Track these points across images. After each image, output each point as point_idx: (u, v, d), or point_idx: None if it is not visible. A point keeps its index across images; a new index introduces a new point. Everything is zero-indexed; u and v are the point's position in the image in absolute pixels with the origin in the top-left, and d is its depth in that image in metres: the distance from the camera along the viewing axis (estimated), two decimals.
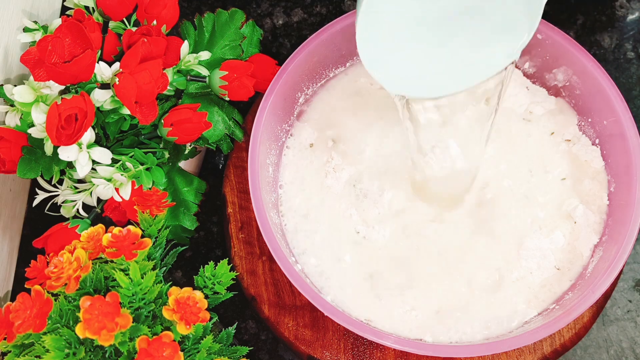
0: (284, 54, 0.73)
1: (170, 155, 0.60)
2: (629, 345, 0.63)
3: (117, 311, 0.46)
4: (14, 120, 0.57)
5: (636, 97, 0.71)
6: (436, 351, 0.53)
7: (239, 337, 0.65)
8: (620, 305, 0.65)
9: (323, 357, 0.59)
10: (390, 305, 0.57)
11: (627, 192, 0.56)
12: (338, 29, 0.61)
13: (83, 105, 0.53)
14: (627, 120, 0.57)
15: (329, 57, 0.64)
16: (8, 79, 0.61)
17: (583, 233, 0.59)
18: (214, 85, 0.60)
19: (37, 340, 0.48)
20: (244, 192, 0.64)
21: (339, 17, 0.61)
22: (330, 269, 0.59)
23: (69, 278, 0.47)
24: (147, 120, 0.56)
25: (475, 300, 0.57)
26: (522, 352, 0.58)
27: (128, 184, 0.57)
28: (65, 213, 0.60)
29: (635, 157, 0.56)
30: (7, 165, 0.55)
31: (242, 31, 0.63)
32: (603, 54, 0.72)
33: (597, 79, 0.58)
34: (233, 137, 0.63)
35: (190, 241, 0.64)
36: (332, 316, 0.53)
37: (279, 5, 0.75)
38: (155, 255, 0.53)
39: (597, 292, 0.53)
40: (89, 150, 0.55)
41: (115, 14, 0.60)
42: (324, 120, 0.64)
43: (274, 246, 0.55)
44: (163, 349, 0.45)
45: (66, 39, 0.54)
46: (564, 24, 0.73)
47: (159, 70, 0.55)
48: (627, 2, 0.74)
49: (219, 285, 0.53)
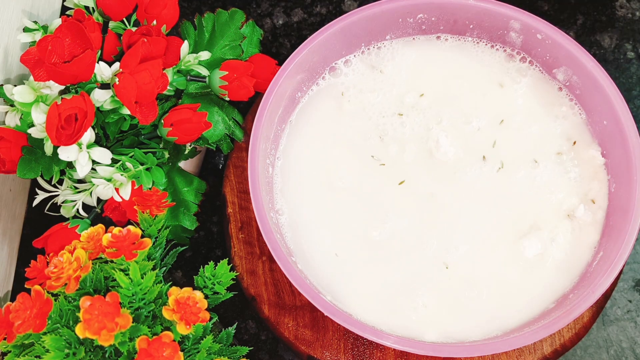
0: (284, 54, 0.73)
1: (170, 155, 0.60)
2: (629, 345, 0.63)
3: (117, 311, 0.46)
4: (14, 120, 0.57)
5: (636, 97, 0.71)
6: (436, 351, 0.53)
7: (239, 337, 0.65)
8: (620, 305, 0.65)
9: (323, 357, 0.59)
10: (391, 305, 0.57)
11: (627, 192, 0.56)
12: (338, 29, 0.61)
13: (83, 105, 0.53)
14: (627, 120, 0.57)
15: (329, 57, 0.64)
16: (8, 79, 0.61)
17: (583, 233, 0.59)
18: (214, 85, 0.60)
19: (37, 340, 0.48)
20: (244, 192, 0.64)
21: (339, 17, 0.61)
22: (331, 269, 0.59)
23: (69, 278, 0.47)
24: (147, 120, 0.56)
25: (475, 300, 0.57)
26: (522, 352, 0.58)
27: (128, 184, 0.57)
28: (65, 213, 0.60)
29: (635, 157, 0.56)
30: (7, 165, 0.55)
31: (242, 31, 0.63)
32: (603, 54, 0.72)
33: (597, 79, 0.58)
34: (233, 137, 0.63)
35: (190, 241, 0.64)
36: (332, 316, 0.53)
37: (279, 5, 0.75)
38: (155, 255, 0.53)
39: (597, 292, 0.53)
40: (89, 150, 0.55)
41: (115, 14, 0.60)
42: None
43: (274, 246, 0.55)
44: (163, 349, 0.45)
45: (66, 39, 0.54)
46: (564, 24, 0.73)
47: (159, 70, 0.55)
48: (627, 2, 0.74)
49: (219, 285, 0.53)
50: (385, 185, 0.61)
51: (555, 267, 0.58)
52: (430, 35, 0.65)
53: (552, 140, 0.61)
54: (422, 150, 0.61)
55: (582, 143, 0.61)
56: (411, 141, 0.61)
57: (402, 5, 0.61)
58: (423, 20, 0.63)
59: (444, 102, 0.63)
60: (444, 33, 0.65)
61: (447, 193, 0.60)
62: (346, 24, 0.61)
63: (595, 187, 0.60)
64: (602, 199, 0.59)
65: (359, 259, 0.59)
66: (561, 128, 0.62)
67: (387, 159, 0.61)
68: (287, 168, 0.62)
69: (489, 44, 0.64)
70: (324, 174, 0.62)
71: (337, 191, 0.61)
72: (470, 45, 0.64)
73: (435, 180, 0.60)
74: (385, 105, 0.63)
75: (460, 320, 0.57)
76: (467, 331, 0.56)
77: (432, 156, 0.61)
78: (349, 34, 0.62)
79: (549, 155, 0.61)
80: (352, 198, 0.61)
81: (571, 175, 0.60)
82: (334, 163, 0.62)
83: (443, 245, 0.59)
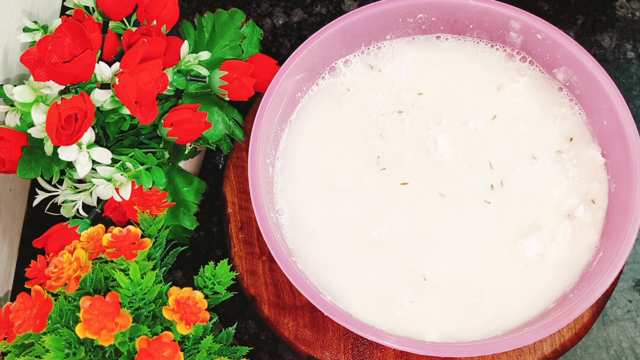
0: (284, 54, 0.73)
1: (170, 155, 0.60)
2: (629, 345, 0.63)
3: (117, 311, 0.46)
4: (14, 120, 0.57)
5: (636, 97, 0.71)
6: (436, 351, 0.53)
7: (239, 337, 0.65)
8: (620, 305, 0.65)
9: (323, 357, 0.59)
10: (391, 304, 0.57)
11: (627, 192, 0.56)
12: (338, 29, 0.61)
13: (83, 105, 0.53)
14: (627, 120, 0.57)
15: (329, 57, 0.64)
16: (8, 79, 0.61)
17: (583, 233, 0.59)
18: (214, 85, 0.60)
19: (37, 340, 0.48)
20: (244, 192, 0.64)
21: (339, 17, 0.61)
22: (331, 269, 0.59)
23: (69, 278, 0.47)
24: (147, 120, 0.56)
25: (474, 300, 0.57)
26: (522, 352, 0.58)
27: (128, 184, 0.57)
28: (65, 213, 0.60)
29: (635, 157, 0.56)
30: (7, 165, 0.55)
31: (242, 31, 0.63)
32: (603, 54, 0.72)
33: (597, 79, 0.58)
34: (233, 137, 0.63)
35: (190, 241, 0.64)
36: (332, 316, 0.53)
37: (279, 5, 0.75)
38: (155, 255, 0.53)
39: (597, 292, 0.53)
40: (89, 150, 0.55)
41: (115, 14, 0.60)
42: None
43: (274, 246, 0.55)
44: (163, 349, 0.45)
45: (66, 39, 0.54)
46: (564, 24, 0.73)
47: (159, 70, 0.55)
48: (627, 2, 0.74)
49: (219, 285, 0.53)
50: (385, 185, 0.61)
51: (555, 267, 0.58)
52: (430, 35, 0.65)
53: (551, 140, 0.61)
54: (422, 150, 0.61)
55: (582, 143, 0.61)
56: (411, 140, 0.61)
57: (402, 5, 0.61)
58: (423, 20, 0.63)
59: (444, 102, 0.63)
60: (444, 33, 0.65)
61: (447, 193, 0.60)
62: (346, 24, 0.61)
63: (595, 187, 0.60)
64: (602, 199, 0.59)
65: (359, 258, 0.59)
66: (561, 128, 0.62)
67: (388, 158, 0.61)
68: (287, 168, 0.62)
69: (488, 43, 0.64)
70: (324, 174, 0.62)
71: (337, 191, 0.61)
72: (470, 45, 0.64)
73: (435, 180, 0.60)
74: (385, 103, 0.63)
75: (460, 320, 0.57)
76: (467, 331, 0.56)
77: (431, 156, 0.61)
78: (349, 34, 0.62)
79: (548, 155, 0.61)
80: (352, 198, 0.61)
81: (571, 175, 0.60)
82: (334, 163, 0.62)
83: (443, 245, 0.59)
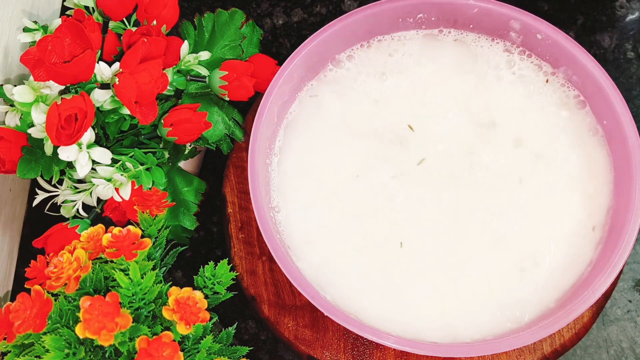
0: (284, 54, 0.73)
1: (170, 155, 0.60)
2: (629, 345, 0.63)
3: (117, 311, 0.46)
4: (14, 120, 0.57)
5: (636, 97, 0.71)
6: (436, 351, 0.53)
7: (239, 337, 0.65)
8: (620, 305, 0.65)
9: (323, 357, 0.59)
10: (391, 304, 0.57)
11: (627, 192, 0.56)
12: (338, 29, 0.61)
13: (83, 105, 0.53)
14: (627, 120, 0.57)
15: (329, 57, 0.64)
16: (8, 79, 0.61)
17: (583, 233, 0.59)
18: (214, 85, 0.60)
19: (37, 340, 0.48)
20: (244, 192, 0.64)
21: (339, 17, 0.61)
22: (331, 269, 0.59)
23: (69, 278, 0.47)
24: (147, 120, 0.56)
25: (474, 301, 0.57)
26: (522, 352, 0.58)
27: (128, 184, 0.57)
28: (65, 213, 0.60)
29: (635, 157, 0.56)
30: (7, 165, 0.55)
31: (242, 31, 0.63)
32: (603, 54, 0.72)
33: (597, 79, 0.58)
34: (233, 137, 0.63)
35: (190, 241, 0.64)
36: (332, 316, 0.53)
37: (279, 5, 0.75)
38: (155, 255, 0.53)
39: (597, 292, 0.53)
40: (89, 150, 0.55)
41: (115, 14, 0.60)
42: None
43: (274, 246, 0.55)
44: (163, 349, 0.45)
45: (66, 39, 0.54)
46: (564, 24, 0.73)
47: (159, 70, 0.55)
48: (627, 2, 0.74)
49: (219, 285, 0.53)
50: (385, 183, 0.61)
51: (555, 267, 0.58)
52: (431, 31, 0.65)
53: (551, 140, 0.62)
54: (422, 149, 0.61)
55: (582, 143, 0.61)
56: (412, 139, 0.61)
57: (402, 5, 0.61)
58: (423, 20, 0.63)
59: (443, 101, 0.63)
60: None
61: (448, 193, 0.60)
62: (346, 23, 0.61)
63: (595, 187, 0.60)
64: (602, 198, 0.59)
65: (359, 258, 0.59)
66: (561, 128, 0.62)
67: (387, 156, 0.61)
68: (286, 168, 0.62)
69: (489, 38, 0.64)
70: (323, 174, 0.62)
71: (337, 190, 0.61)
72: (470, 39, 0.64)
73: (436, 180, 0.60)
74: (385, 102, 0.63)
75: (461, 320, 0.57)
76: (467, 331, 0.56)
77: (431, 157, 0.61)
78: (349, 33, 0.62)
79: (548, 154, 0.61)
80: (352, 197, 0.61)
81: (571, 175, 0.60)
82: (333, 162, 0.62)
83: (443, 245, 0.59)
